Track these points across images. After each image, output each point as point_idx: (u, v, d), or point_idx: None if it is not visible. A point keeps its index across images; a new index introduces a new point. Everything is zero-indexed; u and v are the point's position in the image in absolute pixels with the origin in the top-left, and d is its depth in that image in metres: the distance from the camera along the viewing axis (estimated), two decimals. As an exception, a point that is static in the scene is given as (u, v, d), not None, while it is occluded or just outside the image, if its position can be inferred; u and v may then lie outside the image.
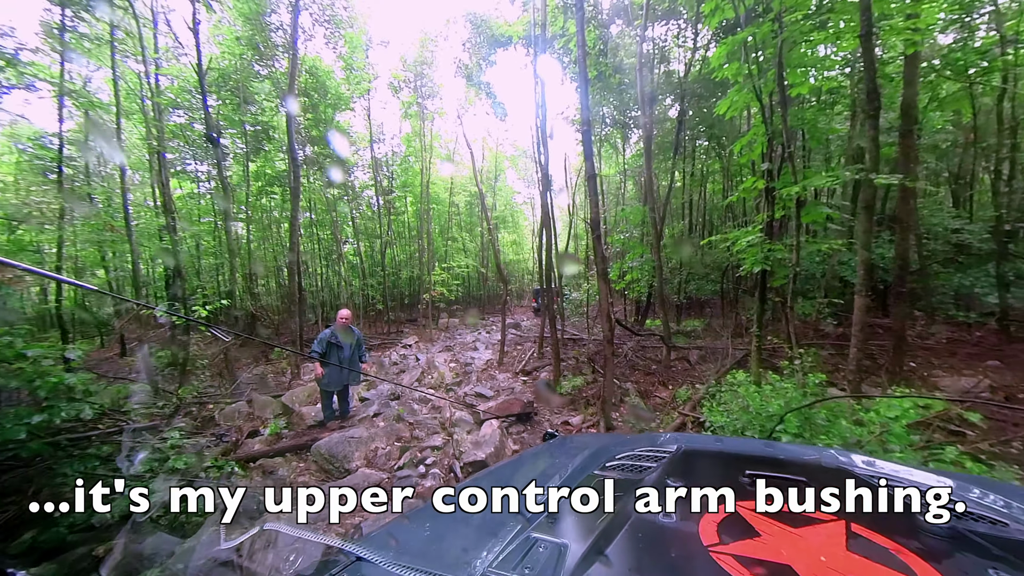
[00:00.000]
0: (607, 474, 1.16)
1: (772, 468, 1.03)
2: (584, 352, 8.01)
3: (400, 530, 1.07)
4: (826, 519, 0.80)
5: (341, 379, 4.47)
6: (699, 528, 0.79)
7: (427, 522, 1.06)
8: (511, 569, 0.69)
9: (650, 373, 6.82)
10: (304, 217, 17.37)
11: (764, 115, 4.43)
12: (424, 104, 15.98)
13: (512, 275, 29.97)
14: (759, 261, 4.31)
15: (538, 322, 18.20)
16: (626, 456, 1.27)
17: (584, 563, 0.70)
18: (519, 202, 28.50)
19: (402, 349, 12.41)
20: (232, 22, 11.91)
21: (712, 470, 1.24)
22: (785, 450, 1.41)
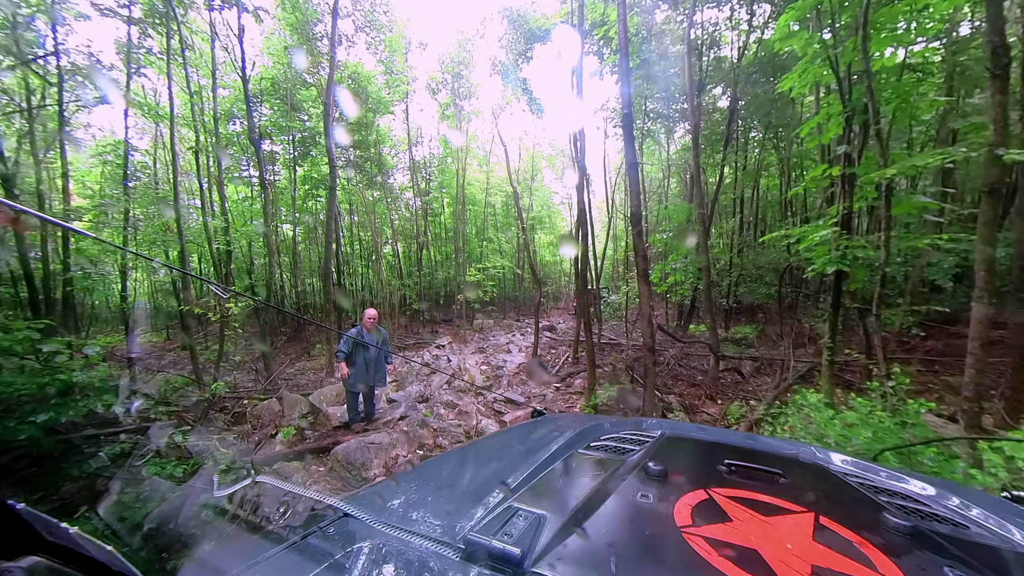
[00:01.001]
0: (591, 453, 1.18)
1: (750, 459, 1.05)
2: (622, 358, 7.49)
3: (388, 490, 1.09)
4: (796, 510, 0.83)
5: (367, 379, 4.34)
6: (674, 510, 0.81)
7: (414, 485, 1.09)
8: (491, 534, 0.71)
9: (695, 384, 6.20)
10: (346, 220, 18.02)
11: (841, 90, 3.79)
12: (461, 105, 16.02)
13: (548, 277, 29.49)
14: (833, 260, 3.68)
15: (573, 325, 17.70)
16: (611, 438, 1.30)
17: (561, 534, 0.73)
18: (556, 202, 27.99)
19: (435, 349, 12.39)
20: (282, 32, 12.48)
21: (692, 457, 1.26)
22: (765, 444, 1.44)
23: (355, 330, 4.31)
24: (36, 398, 2.04)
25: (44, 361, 2.15)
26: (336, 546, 0.76)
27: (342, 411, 5.08)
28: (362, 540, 0.76)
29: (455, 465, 1.29)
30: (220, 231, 11.38)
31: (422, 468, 1.39)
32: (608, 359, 8.07)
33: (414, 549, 0.73)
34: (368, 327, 4.36)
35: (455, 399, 6.09)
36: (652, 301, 3.96)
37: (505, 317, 21.50)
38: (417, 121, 18.40)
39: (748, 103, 9.53)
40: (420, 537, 0.76)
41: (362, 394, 4.73)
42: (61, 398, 2.13)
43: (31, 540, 0.46)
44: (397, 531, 0.77)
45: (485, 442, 1.80)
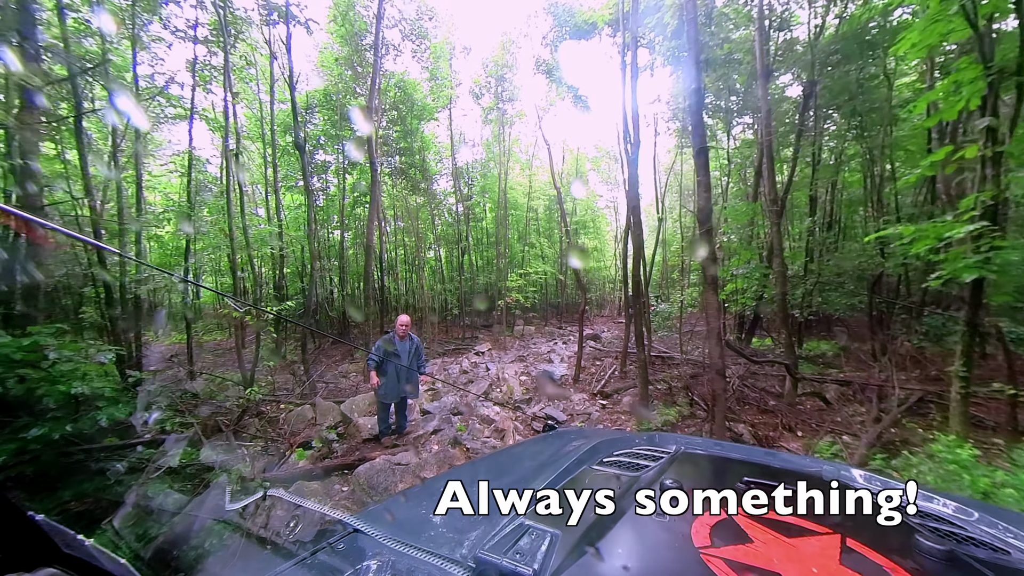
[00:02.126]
0: (604, 469, 1.15)
1: (771, 477, 1.00)
2: (677, 375, 6.71)
3: (397, 507, 1.11)
4: (821, 531, 0.79)
5: (398, 390, 4.05)
6: (691, 530, 0.78)
7: (424, 501, 1.07)
8: (502, 553, 0.70)
9: (767, 411, 5.33)
10: (392, 225, 18.43)
11: (982, 47, 2.96)
12: (504, 108, 15.84)
13: (592, 283, 28.52)
14: (973, 266, 2.84)
15: (619, 334, 16.76)
16: (624, 453, 1.27)
17: (574, 554, 0.71)
18: (601, 206, 27.06)
19: (474, 356, 12.12)
20: (334, 45, 12.97)
21: (709, 473, 1.23)
22: (785, 460, 1.37)
23: (386, 337, 4.04)
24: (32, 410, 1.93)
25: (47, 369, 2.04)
26: (346, 563, 0.76)
27: (373, 422, 4.84)
28: (371, 557, 0.76)
29: (465, 480, 1.23)
30: (275, 236, 11.92)
31: (432, 483, 1.36)
32: (661, 374, 7.30)
33: (424, 567, 0.73)
34: (400, 334, 4.08)
35: (491, 414, 5.68)
36: (719, 313, 3.31)
37: (547, 323, 20.94)
38: (460, 126, 18.51)
39: (826, 88, 8.38)
40: (430, 554, 0.75)
41: (394, 405, 4.46)
42: (60, 411, 2.01)
43: (48, 551, 0.48)
44: (407, 548, 0.77)
45: (495, 457, 1.76)
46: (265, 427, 4.79)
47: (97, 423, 2.13)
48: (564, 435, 1.73)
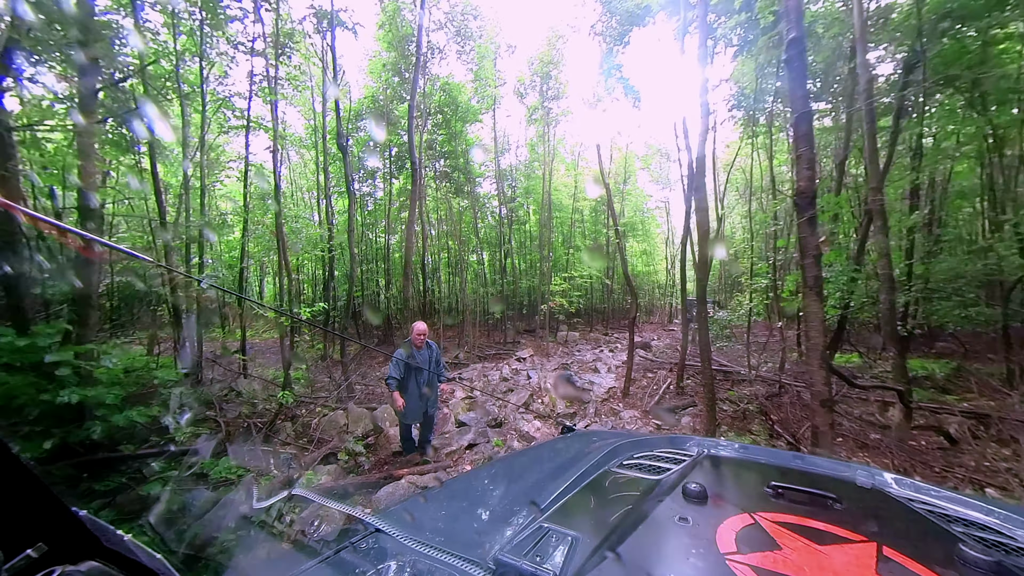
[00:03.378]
0: (624, 472, 1.13)
1: (800, 481, 0.95)
2: (749, 395, 5.80)
3: (417, 507, 1.10)
4: (856, 539, 0.75)
5: (420, 407, 3.67)
6: (716, 534, 0.76)
7: (444, 502, 1.10)
8: (522, 555, 0.69)
9: (867, 445, 4.35)
10: (436, 229, 18.55)
11: None
12: (549, 107, 15.36)
13: (640, 288, 27.09)
14: None
15: (671, 343, 15.52)
16: (644, 456, 1.24)
17: (595, 557, 0.70)
18: (651, 207, 25.67)
19: (515, 362, 11.66)
20: (382, 52, 13.22)
21: (735, 478, 1.18)
22: (815, 464, 1.30)
23: (403, 350, 3.65)
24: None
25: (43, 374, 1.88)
26: (367, 562, 0.77)
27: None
28: (392, 557, 0.77)
29: (484, 482, 1.29)
30: (323, 240, 12.29)
31: (450, 485, 1.37)
32: (725, 391, 6.39)
33: (444, 568, 0.73)
34: (418, 344, 3.68)
35: (532, 429, 5.17)
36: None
37: (592, 330, 20.05)
38: (504, 127, 18.29)
39: (936, 58, 7.03)
40: (450, 555, 0.75)
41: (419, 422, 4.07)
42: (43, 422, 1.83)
43: (90, 545, 0.50)
44: (427, 548, 0.77)
45: (514, 459, 1.76)
46: (298, 432, 4.63)
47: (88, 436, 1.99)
48: (583, 437, 1.71)
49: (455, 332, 16.38)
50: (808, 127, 2.43)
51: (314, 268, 18.26)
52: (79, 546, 0.49)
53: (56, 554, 0.47)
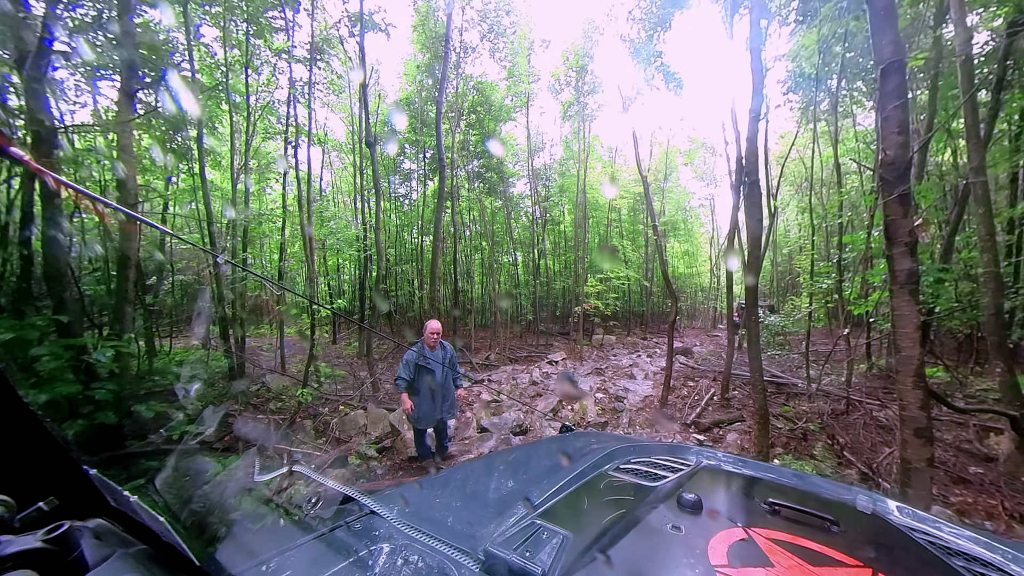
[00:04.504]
0: (620, 476, 1.13)
1: (799, 501, 0.92)
2: (808, 411, 5.07)
3: (412, 493, 1.11)
4: (850, 563, 0.73)
5: (433, 411, 3.41)
6: (708, 546, 0.76)
7: (439, 491, 1.13)
8: (512, 549, 0.70)
9: (965, 480, 3.57)
10: (471, 229, 18.53)
11: None
12: (585, 102, 14.84)
13: (682, 291, 25.69)
14: None
15: (714, 349, 14.43)
16: (642, 462, 1.23)
17: (584, 558, 0.71)
18: (694, 205, 24.27)
19: (547, 366, 11.26)
20: (417, 54, 13.34)
21: (732, 491, 1.17)
22: (815, 484, 1.26)
23: (415, 350, 3.41)
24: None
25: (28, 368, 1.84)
26: (361, 542, 0.78)
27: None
28: (385, 540, 0.79)
29: (480, 474, 1.29)
30: (360, 240, 12.57)
31: (447, 474, 1.39)
32: (776, 407, 5.66)
33: (434, 554, 0.73)
34: (431, 344, 3.43)
35: (557, 439, 4.79)
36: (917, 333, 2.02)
37: (629, 333, 19.19)
38: (538, 125, 17.89)
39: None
40: (441, 543, 0.76)
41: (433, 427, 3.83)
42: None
43: (98, 503, 0.54)
44: (419, 534, 0.79)
45: (511, 453, 1.76)
46: (318, 430, 4.56)
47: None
48: (582, 437, 1.71)
49: (488, 333, 16.23)
50: (900, 80, 1.89)
51: (353, 269, 18.84)
52: (88, 503, 0.52)
53: (66, 509, 0.49)
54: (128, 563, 0.50)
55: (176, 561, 0.53)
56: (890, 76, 1.91)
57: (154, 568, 0.51)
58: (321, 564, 0.71)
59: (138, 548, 0.53)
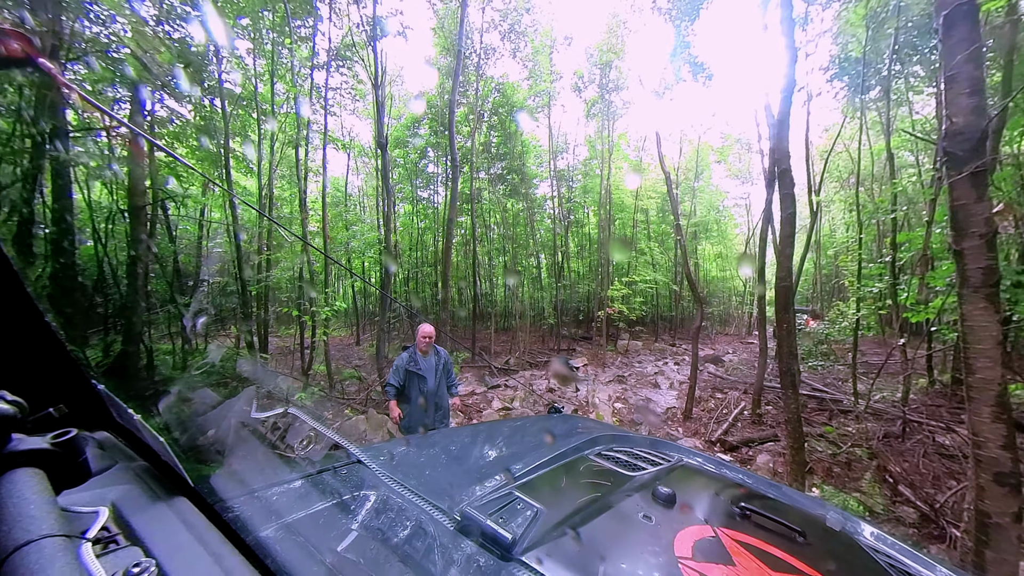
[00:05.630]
0: (601, 462, 1.16)
1: (771, 509, 0.95)
2: (855, 432, 4.45)
3: (399, 449, 1.17)
4: (809, 573, 0.76)
5: (425, 421, 3.19)
6: (675, 538, 0.79)
7: (425, 451, 1.18)
8: (487, 514, 0.73)
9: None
10: (496, 231, 18.38)
11: None
12: (610, 100, 14.37)
13: (714, 296, 24.41)
14: None
15: (747, 358, 13.48)
16: (623, 451, 1.26)
17: (554, 532, 0.74)
18: (728, 205, 23.05)
19: (567, 372, 10.87)
20: (439, 56, 13.36)
21: (707, 490, 1.19)
22: (790, 496, 1.29)
23: (406, 354, 3.19)
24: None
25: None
26: (345, 487, 0.82)
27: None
28: (369, 488, 0.82)
29: (466, 441, 1.32)
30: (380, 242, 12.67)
31: (433, 436, 1.45)
32: (818, 426, 5.05)
33: (413, 508, 0.76)
34: (423, 349, 3.20)
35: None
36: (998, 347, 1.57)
37: (657, 340, 18.37)
38: (560, 124, 17.56)
39: None
40: (421, 499, 0.78)
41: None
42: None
43: (104, 417, 0.58)
44: (401, 488, 0.81)
45: (498, 426, 1.80)
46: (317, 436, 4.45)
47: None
48: (570, 420, 1.78)
49: (508, 337, 15.98)
50: (969, 27, 1.46)
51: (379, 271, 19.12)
52: (95, 416, 0.57)
53: (74, 418, 0.52)
54: (128, 475, 0.54)
55: (172, 479, 0.56)
56: (956, 24, 1.49)
57: (151, 483, 0.55)
58: (306, 502, 0.74)
59: (138, 463, 0.57)
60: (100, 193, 7.68)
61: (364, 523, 0.72)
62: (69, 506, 0.46)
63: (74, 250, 4.03)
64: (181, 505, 0.54)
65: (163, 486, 0.55)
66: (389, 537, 0.70)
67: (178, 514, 0.52)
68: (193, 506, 0.54)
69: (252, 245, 8.30)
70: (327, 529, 0.69)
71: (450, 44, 12.05)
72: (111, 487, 0.52)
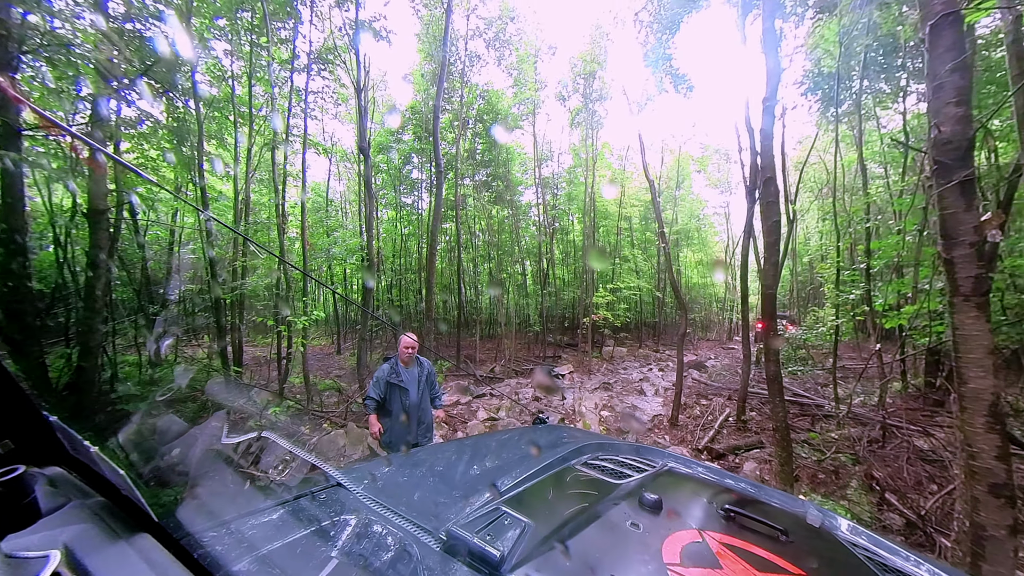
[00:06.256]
0: (587, 471, 1.15)
1: (755, 510, 0.97)
2: (838, 438, 4.50)
3: (381, 470, 1.10)
4: (793, 571, 0.78)
5: (408, 435, 3.04)
6: (663, 544, 0.79)
7: (408, 469, 1.14)
8: (474, 532, 0.72)
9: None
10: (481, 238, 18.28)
11: None
12: (594, 109, 14.56)
13: (696, 302, 24.88)
14: None
15: (730, 363, 13.69)
16: (609, 459, 1.26)
17: (543, 546, 0.73)
18: (708, 213, 23.62)
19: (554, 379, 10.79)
20: (424, 63, 13.30)
21: (691, 494, 1.19)
22: (771, 495, 1.31)
23: (387, 366, 3.05)
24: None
25: None
26: (324, 513, 0.79)
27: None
28: (350, 512, 0.79)
29: (449, 457, 1.30)
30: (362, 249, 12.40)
31: (417, 453, 1.43)
32: (803, 432, 5.10)
33: (397, 530, 0.74)
34: (405, 359, 3.06)
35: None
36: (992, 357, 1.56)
37: (641, 346, 18.53)
38: (544, 132, 17.68)
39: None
40: (405, 520, 0.77)
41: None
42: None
43: (57, 451, 0.52)
44: (384, 510, 0.79)
45: (483, 440, 1.77)
46: (292, 451, 4.22)
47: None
48: (554, 430, 1.73)
49: (493, 344, 15.84)
50: (955, 36, 1.48)
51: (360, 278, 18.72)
52: (46, 450, 0.51)
53: (22, 454, 0.48)
54: (83, 513, 0.51)
55: (134, 515, 0.52)
56: (942, 32, 1.51)
57: (110, 520, 0.51)
58: (282, 531, 0.71)
59: (95, 499, 0.53)
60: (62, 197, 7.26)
61: (345, 550, 0.69)
62: (14, 551, 0.43)
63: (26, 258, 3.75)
64: (144, 543, 0.50)
65: (123, 523, 0.51)
66: (372, 563, 0.67)
67: (140, 552, 0.49)
68: (158, 543, 0.51)
69: (226, 252, 7.96)
70: (305, 559, 0.67)
71: (434, 51, 12.02)
72: (64, 527, 0.48)
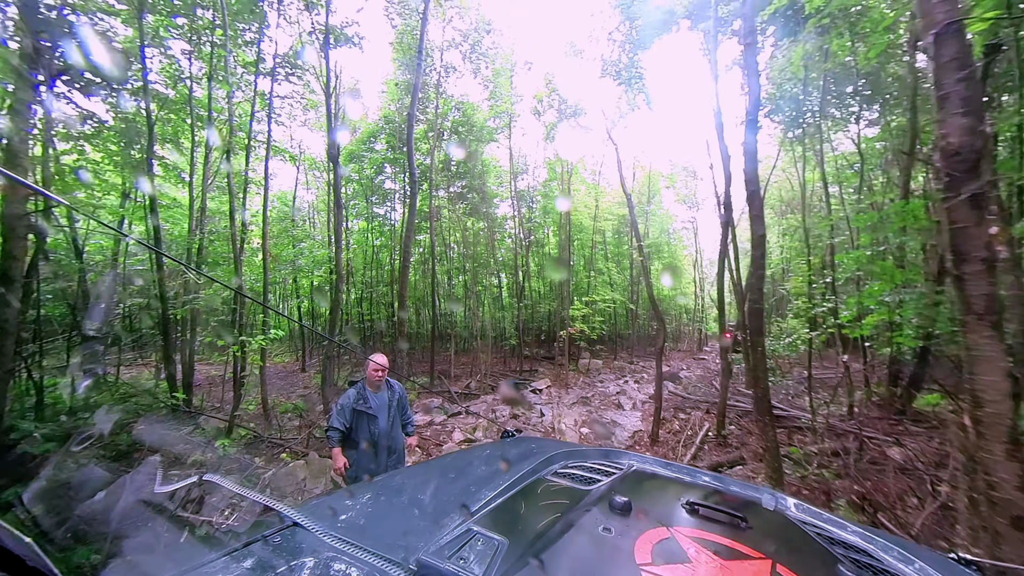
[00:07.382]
0: (557, 481, 1.15)
1: (715, 501, 1.01)
2: (818, 452, 4.50)
3: (341, 502, 1.06)
4: (755, 556, 0.81)
5: (376, 469, 2.72)
6: (635, 546, 0.80)
7: (371, 499, 1.07)
8: (446, 558, 0.70)
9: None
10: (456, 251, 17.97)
11: None
12: (569, 124, 14.76)
13: (667, 313, 25.41)
14: None
15: (703, 374, 13.95)
16: (577, 466, 1.26)
17: (518, 563, 0.71)
18: (676, 228, 24.42)
19: (530, 394, 10.55)
20: (398, 72, 13.09)
21: (658, 493, 1.22)
22: (730, 485, 1.37)
23: (354, 391, 2.75)
24: None
25: None
26: (280, 558, 0.73)
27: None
28: (309, 553, 0.74)
29: (416, 481, 1.27)
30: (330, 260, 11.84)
31: (380, 482, 1.32)
32: (783, 447, 5.09)
33: (363, 567, 0.70)
34: (374, 384, 2.76)
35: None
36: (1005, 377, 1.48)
37: (616, 358, 18.63)
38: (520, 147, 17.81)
39: None
40: (371, 554, 0.73)
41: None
42: None
43: None
44: (347, 546, 0.75)
45: (449, 460, 1.71)
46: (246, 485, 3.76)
47: None
48: (522, 443, 1.72)
49: (469, 359, 15.45)
50: (959, 46, 1.45)
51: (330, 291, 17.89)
52: None
53: None
54: None
55: None
56: (946, 43, 1.47)
57: None
58: None
59: None
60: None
61: None
62: None
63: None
64: None
65: None
66: None
67: None
68: None
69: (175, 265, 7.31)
70: None
71: (409, 60, 11.85)
72: None
